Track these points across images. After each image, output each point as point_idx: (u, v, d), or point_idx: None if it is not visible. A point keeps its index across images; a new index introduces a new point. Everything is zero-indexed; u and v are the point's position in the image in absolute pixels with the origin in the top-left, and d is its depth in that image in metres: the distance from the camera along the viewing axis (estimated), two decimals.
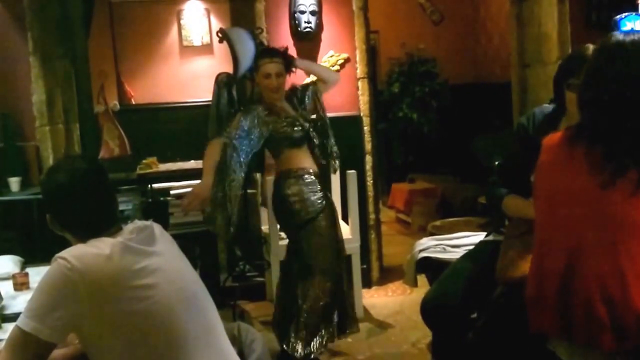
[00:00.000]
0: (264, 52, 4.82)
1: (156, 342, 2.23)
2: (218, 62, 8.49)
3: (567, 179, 2.45)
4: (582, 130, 2.46)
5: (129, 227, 2.35)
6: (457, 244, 4.32)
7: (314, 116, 4.85)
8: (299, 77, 5.89)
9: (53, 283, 2.16)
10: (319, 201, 4.54)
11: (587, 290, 2.36)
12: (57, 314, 2.13)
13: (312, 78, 5.34)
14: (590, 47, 2.98)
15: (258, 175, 5.81)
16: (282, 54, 4.73)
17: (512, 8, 6.31)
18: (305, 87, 4.93)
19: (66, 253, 2.19)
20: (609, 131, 2.39)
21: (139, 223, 2.39)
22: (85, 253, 2.19)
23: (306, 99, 4.83)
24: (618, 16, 5.79)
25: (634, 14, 5.72)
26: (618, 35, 2.51)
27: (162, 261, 2.32)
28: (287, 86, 4.79)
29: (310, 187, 4.54)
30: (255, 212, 5.99)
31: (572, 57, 3.29)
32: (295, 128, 4.60)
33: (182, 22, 9.41)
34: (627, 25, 5.79)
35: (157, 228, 2.44)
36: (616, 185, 2.33)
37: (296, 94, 4.85)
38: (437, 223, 7.16)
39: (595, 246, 2.37)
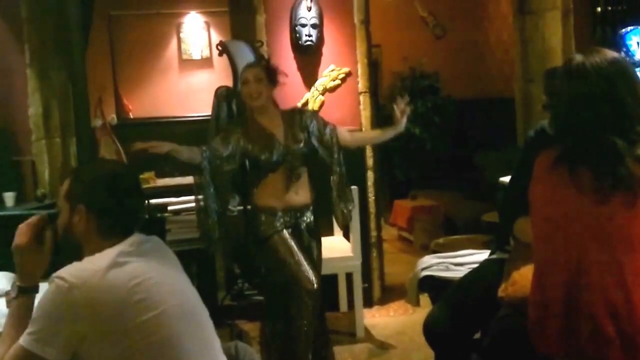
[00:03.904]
0: (244, 67, 4.75)
1: (154, 357, 2.22)
2: (218, 76, 8.46)
3: (560, 198, 2.45)
4: (562, 152, 2.47)
5: (129, 240, 2.34)
6: (461, 262, 4.23)
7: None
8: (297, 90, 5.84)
9: (53, 304, 2.17)
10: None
11: (592, 307, 2.35)
12: (61, 335, 2.15)
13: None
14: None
15: None
16: (262, 64, 4.65)
17: (516, 22, 6.27)
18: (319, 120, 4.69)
19: (64, 272, 2.19)
20: (584, 152, 2.41)
21: (139, 237, 2.39)
22: (83, 270, 2.19)
23: (316, 130, 4.59)
24: (623, 30, 5.75)
25: (639, 28, 5.68)
26: (577, 57, 2.52)
27: (162, 276, 2.31)
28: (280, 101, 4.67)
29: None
30: None
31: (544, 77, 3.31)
32: (274, 151, 4.41)
33: (181, 35, 9.40)
34: (633, 40, 5.76)
35: (156, 242, 2.45)
36: (610, 200, 2.34)
37: (303, 118, 4.62)
38: (440, 241, 7.08)
39: (597, 261, 2.37)
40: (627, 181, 2.32)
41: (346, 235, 5.70)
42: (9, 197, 5.47)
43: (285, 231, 4.40)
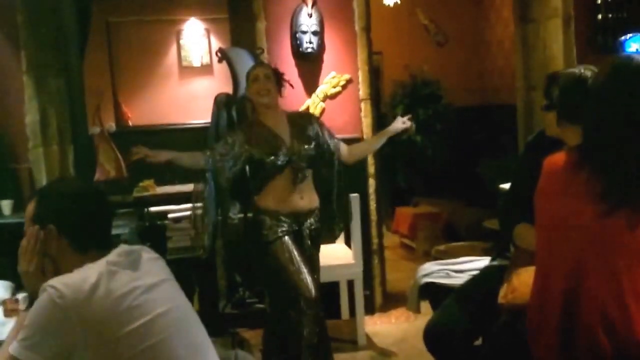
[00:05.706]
0: (252, 66, 4.80)
1: None
2: (218, 83, 8.46)
3: (568, 205, 2.42)
4: (585, 156, 2.42)
5: (116, 251, 2.34)
6: (461, 268, 4.21)
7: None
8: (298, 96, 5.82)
9: (45, 312, 2.15)
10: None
11: (589, 318, 2.33)
12: (51, 344, 2.13)
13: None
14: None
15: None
16: (270, 66, 4.72)
17: (517, 30, 6.24)
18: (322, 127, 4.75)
19: (55, 281, 2.18)
20: (611, 160, 2.36)
21: (125, 247, 2.38)
22: (75, 280, 2.18)
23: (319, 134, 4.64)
24: (623, 37, 5.74)
25: (639, 35, 5.67)
26: (625, 57, 2.49)
27: (151, 283, 2.31)
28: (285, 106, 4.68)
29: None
30: None
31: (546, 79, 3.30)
32: (280, 153, 4.42)
33: (181, 42, 9.41)
34: (632, 47, 5.75)
35: (144, 251, 2.44)
36: (615, 214, 2.30)
37: (311, 121, 4.69)
38: (441, 247, 7.05)
39: (596, 273, 2.34)
40: (634, 199, 2.30)
41: (348, 243, 5.67)
42: (6, 205, 5.43)
43: (287, 237, 4.38)
